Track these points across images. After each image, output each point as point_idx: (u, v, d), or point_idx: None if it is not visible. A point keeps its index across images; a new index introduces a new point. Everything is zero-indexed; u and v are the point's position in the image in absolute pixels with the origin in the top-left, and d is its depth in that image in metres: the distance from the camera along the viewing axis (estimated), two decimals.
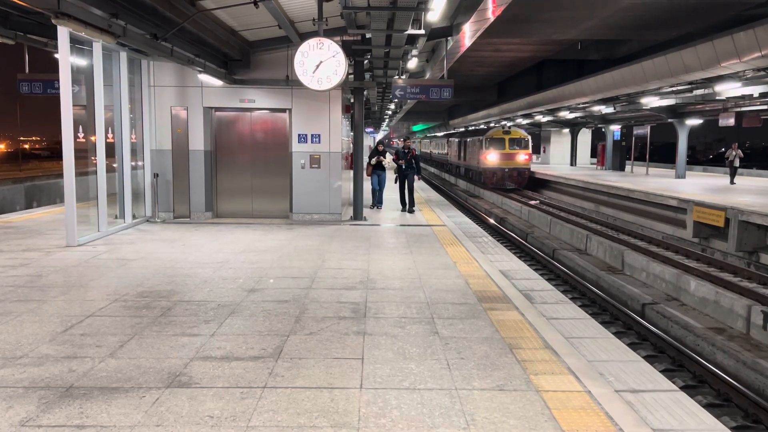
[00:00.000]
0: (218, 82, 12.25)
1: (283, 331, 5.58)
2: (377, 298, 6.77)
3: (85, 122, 10.63)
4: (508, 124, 37.96)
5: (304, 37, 10.61)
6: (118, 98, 11.59)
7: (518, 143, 32.40)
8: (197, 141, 12.97)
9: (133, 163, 12.21)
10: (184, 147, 12.96)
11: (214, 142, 13.33)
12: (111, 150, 11.34)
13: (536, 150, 44.78)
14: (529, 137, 33.50)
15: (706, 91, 19.01)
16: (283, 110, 13.23)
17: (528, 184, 32.74)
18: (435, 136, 65.88)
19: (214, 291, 7.05)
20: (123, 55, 11.50)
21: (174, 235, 11.15)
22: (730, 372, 8.21)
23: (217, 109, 13.24)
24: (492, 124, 40.29)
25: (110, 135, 11.29)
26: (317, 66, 9.74)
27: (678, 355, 8.79)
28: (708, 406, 7.17)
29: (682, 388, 7.01)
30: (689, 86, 18.10)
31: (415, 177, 15.45)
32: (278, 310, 6.27)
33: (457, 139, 43.87)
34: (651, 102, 22.66)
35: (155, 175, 12.76)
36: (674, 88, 18.84)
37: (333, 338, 5.38)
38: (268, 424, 3.76)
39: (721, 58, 13.59)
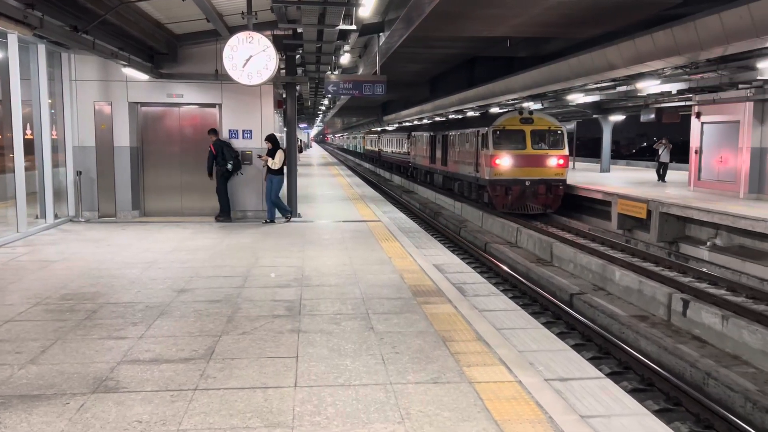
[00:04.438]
0: (144, 77, 11.86)
1: (215, 331, 5.46)
2: (312, 296, 6.73)
3: (0, 118, 10.13)
4: (532, 105, 25.07)
5: (233, 30, 10.40)
6: (37, 93, 11.07)
7: (544, 137, 20.42)
8: (122, 137, 12.54)
9: (55, 161, 11.70)
10: (108, 143, 12.50)
11: (140, 138, 12.92)
12: (30, 147, 10.85)
13: None
14: (564, 128, 21.28)
15: (629, 87, 19.73)
16: (213, 105, 12.96)
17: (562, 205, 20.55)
18: (385, 131, 48.20)
19: (142, 292, 6.84)
20: (41, 48, 10.99)
21: (99, 234, 10.75)
22: (652, 358, 8.57)
23: (144, 104, 12.84)
24: (466, 114, 30.19)
25: (29, 131, 10.79)
26: (247, 60, 9.59)
27: (604, 343, 9.11)
28: (632, 392, 7.45)
29: (608, 375, 7.25)
30: (612, 83, 18.72)
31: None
32: (210, 310, 6.14)
33: (427, 134, 29.84)
34: (577, 98, 23.34)
35: (78, 173, 12.26)
36: (598, 85, 19.44)
37: (267, 337, 5.31)
38: (199, 427, 3.67)
39: (642, 56, 14.13)
